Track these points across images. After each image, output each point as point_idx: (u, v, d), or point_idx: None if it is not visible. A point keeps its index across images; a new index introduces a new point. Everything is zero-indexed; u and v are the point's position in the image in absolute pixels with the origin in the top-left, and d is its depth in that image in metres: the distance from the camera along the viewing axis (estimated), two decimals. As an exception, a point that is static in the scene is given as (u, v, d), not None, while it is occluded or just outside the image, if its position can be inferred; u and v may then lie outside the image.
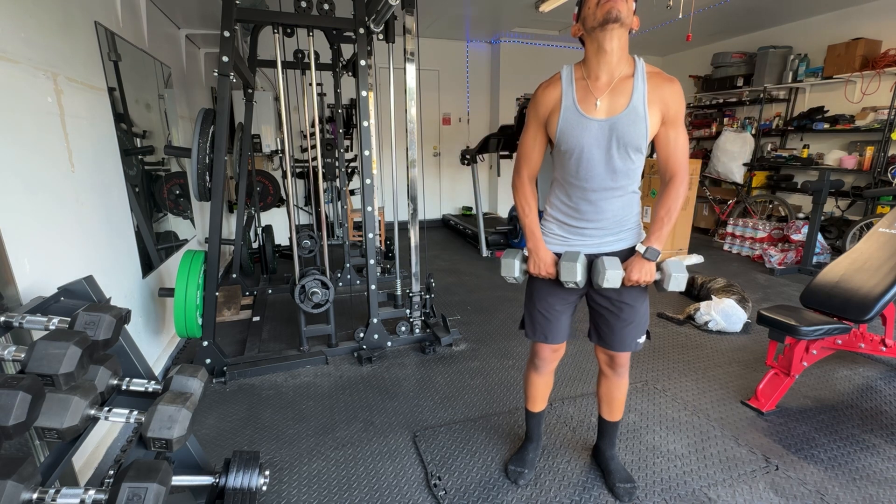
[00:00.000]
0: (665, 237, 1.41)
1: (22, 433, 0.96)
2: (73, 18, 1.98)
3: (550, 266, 1.48)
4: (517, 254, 1.57)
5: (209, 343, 2.48)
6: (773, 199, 5.35)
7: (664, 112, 1.34)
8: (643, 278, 1.40)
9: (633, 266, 1.41)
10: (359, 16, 2.44)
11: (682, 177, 1.39)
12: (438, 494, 1.69)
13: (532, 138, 1.48)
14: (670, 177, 1.40)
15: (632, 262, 1.42)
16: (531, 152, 1.50)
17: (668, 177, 1.40)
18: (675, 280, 1.41)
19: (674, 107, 1.33)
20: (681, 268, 1.41)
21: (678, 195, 1.39)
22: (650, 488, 1.72)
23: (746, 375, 2.52)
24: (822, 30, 5.11)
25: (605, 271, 1.37)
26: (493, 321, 3.30)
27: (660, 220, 1.40)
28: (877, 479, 1.76)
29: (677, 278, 1.40)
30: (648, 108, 1.31)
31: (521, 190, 1.55)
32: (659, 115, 1.33)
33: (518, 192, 1.55)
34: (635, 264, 1.41)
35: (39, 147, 1.66)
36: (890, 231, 2.42)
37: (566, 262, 1.42)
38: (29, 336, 1.44)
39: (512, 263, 1.55)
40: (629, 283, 1.41)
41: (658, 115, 1.33)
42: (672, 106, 1.33)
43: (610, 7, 1.23)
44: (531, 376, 1.73)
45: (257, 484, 1.28)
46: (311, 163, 3.58)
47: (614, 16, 1.23)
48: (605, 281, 1.38)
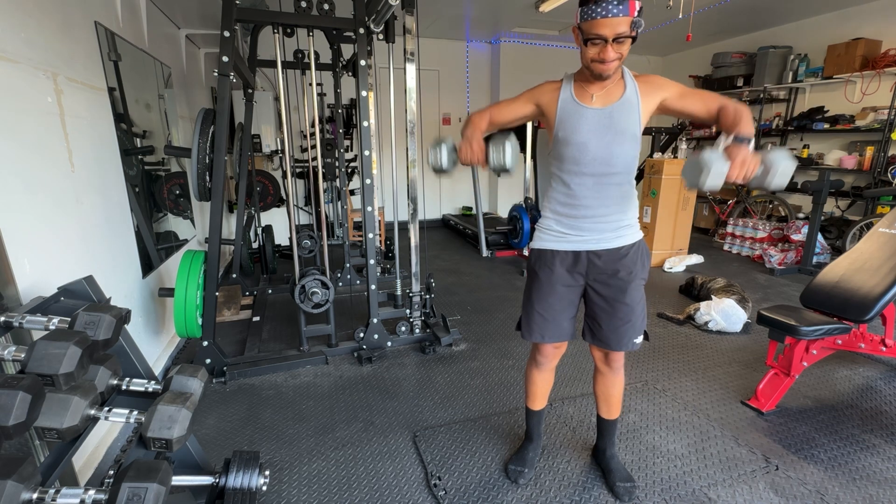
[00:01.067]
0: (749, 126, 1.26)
1: (22, 433, 0.96)
2: (73, 18, 1.98)
3: (480, 152, 1.43)
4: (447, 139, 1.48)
5: (209, 343, 2.48)
6: (773, 199, 5.35)
7: (660, 96, 1.40)
8: (748, 160, 1.19)
9: (732, 152, 1.20)
10: (359, 16, 2.44)
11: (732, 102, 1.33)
12: (438, 494, 1.69)
13: (513, 102, 1.50)
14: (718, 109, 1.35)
15: (729, 149, 1.22)
16: (505, 108, 1.51)
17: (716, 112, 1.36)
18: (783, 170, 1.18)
19: (667, 86, 1.40)
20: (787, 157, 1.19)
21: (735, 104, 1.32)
22: (650, 488, 1.72)
23: (746, 375, 2.52)
24: (822, 30, 5.11)
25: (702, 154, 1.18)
26: (493, 321, 3.30)
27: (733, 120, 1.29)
28: (877, 479, 1.76)
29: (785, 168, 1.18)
30: (641, 99, 1.38)
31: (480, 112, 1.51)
32: (653, 102, 1.40)
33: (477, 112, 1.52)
34: (733, 148, 1.21)
35: (39, 147, 1.66)
36: (890, 231, 2.42)
37: (496, 144, 1.35)
38: (29, 336, 1.44)
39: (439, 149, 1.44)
40: (734, 171, 1.19)
41: (652, 103, 1.40)
42: (664, 86, 1.40)
43: (603, 70, 1.30)
44: (532, 373, 1.73)
45: (257, 484, 1.28)
46: (311, 163, 3.58)
47: (606, 76, 1.32)
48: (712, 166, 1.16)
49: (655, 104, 1.40)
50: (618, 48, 1.26)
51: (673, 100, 1.40)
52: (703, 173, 1.18)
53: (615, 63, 1.29)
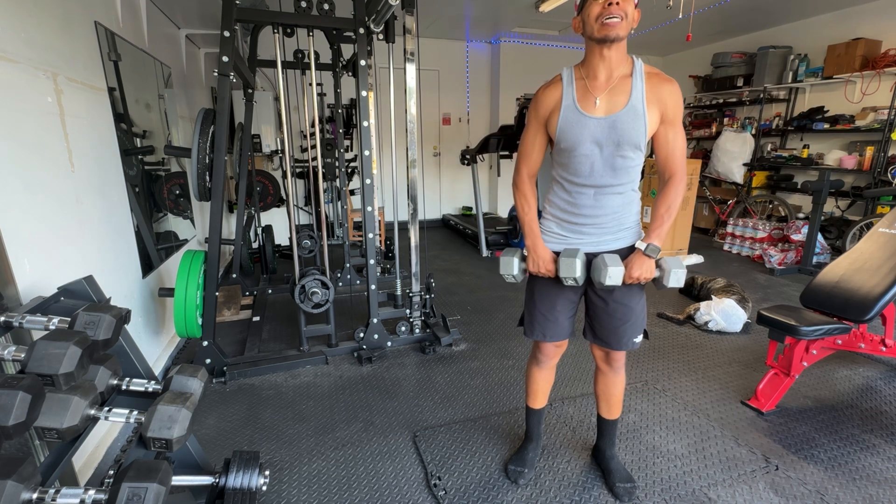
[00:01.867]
0: (665, 234, 1.42)
1: (22, 433, 0.96)
2: (73, 18, 1.98)
3: (549, 263, 1.49)
4: (516, 252, 1.57)
5: (209, 343, 2.48)
6: (773, 199, 5.35)
7: (662, 111, 1.35)
8: (644, 275, 1.41)
9: (633, 263, 1.41)
10: (359, 16, 2.44)
11: (681, 176, 1.41)
12: (438, 494, 1.69)
13: (532, 138, 1.49)
14: (669, 176, 1.42)
15: (632, 259, 1.42)
16: (531, 151, 1.51)
17: (667, 176, 1.43)
18: (675, 276, 1.40)
19: (672, 106, 1.35)
20: (680, 264, 1.42)
21: (677, 193, 1.41)
22: (650, 488, 1.72)
23: (746, 375, 2.52)
24: (822, 30, 5.11)
25: (606, 268, 1.37)
26: (493, 321, 3.30)
27: (660, 218, 1.42)
28: (877, 479, 1.76)
29: (677, 274, 1.40)
30: (647, 107, 1.33)
31: (521, 188, 1.56)
32: (657, 113, 1.35)
33: (518, 191, 1.57)
34: (635, 261, 1.41)
35: (39, 147, 1.66)
36: (890, 231, 2.42)
37: (565, 259, 1.43)
38: (29, 336, 1.44)
39: (511, 261, 1.55)
40: (629, 280, 1.41)
41: (657, 114, 1.35)
42: (670, 105, 1.35)
43: (608, 30, 1.26)
44: (533, 371, 1.74)
45: (257, 484, 1.28)
46: (311, 163, 3.58)
47: (612, 37, 1.27)
48: (608, 278, 1.37)
49: (659, 117, 1.36)
50: (623, 4, 1.24)
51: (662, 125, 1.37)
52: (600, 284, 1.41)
53: (621, 23, 1.25)
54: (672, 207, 1.41)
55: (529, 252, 1.53)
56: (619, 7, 1.24)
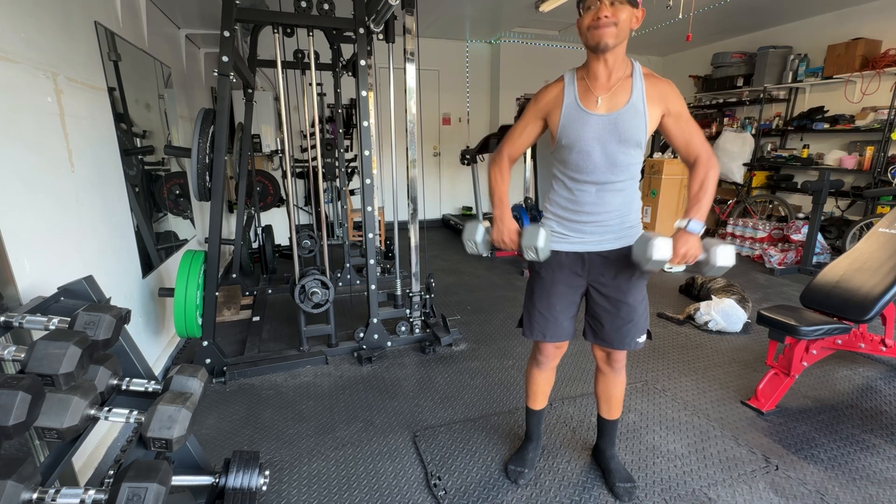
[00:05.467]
0: (705, 213, 1.35)
1: (22, 433, 0.96)
2: (73, 18, 1.98)
3: (514, 234, 1.47)
4: (479, 222, 1.54)
5: (209, 343, 2.48)
6: (773, 199, 5.35)
7: (664, 108, 1.37)
8: (691, 251, 1.31)
9: (678, 240, 1.32)
10: (359, 16, 2.44)
11: (708, 155, 1.38)
12: (438, 494, 1.69)
13: (524, 124, 1.50)
14: (695, 158, 1.39)
15: (675, 237, 1.33)
16: (518, 135, 1.52)
17: (692, 159, 1.40)
18: (723, 252, 1.28)
19: (674, 100, 1.37)
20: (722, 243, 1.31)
21: (707, 170, 1.36)
22: (650, 488, 1.72)
23: (746, 375, 2.52)
24: (822, 30, 5.11)
25: (652, 239, 1.27)
26: (493, 321, 3.30)
27: (695, 196, 1.37)
28: (877, 479, 1.76)
29: (724, 250, 1.28)
30: (647, 105, 1.34)
31: (499, 164, 1.55)
32: (658, 111, 1.36)
33: (495, 165, 1.56)
34: (680, 238, 1.32)
35: (39, 147, 1.66)
36: (890, 231, 2.42)
37: (530, 228, 1.39)
38: (29, 336, 1.44)
39: (476, 226, 1.51)
40: (676, 259, 1.31)
41: (657, 111, 1.36)
42: (672, 99, 1.37)
43: (598, 39, 1.27)
44: (533, 372, 1.73)
45: (257, 484, 1.28)
46: (311, 163, 3.58)
47: (602, 46, 1.28)
48: (655, 250, 1.25)
49: (660, 114, 1.37)
50: (615, 11, 1.24)
51: (669, 118, 1.38)
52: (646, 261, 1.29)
53: (612, 30, 1.25)
54: (706, 183, 1.35)
55: (496, 221, 1.50)
56: (609, 18, 1.24)
